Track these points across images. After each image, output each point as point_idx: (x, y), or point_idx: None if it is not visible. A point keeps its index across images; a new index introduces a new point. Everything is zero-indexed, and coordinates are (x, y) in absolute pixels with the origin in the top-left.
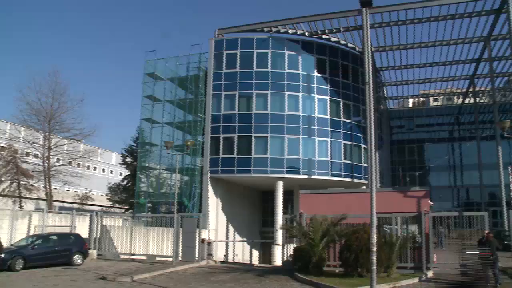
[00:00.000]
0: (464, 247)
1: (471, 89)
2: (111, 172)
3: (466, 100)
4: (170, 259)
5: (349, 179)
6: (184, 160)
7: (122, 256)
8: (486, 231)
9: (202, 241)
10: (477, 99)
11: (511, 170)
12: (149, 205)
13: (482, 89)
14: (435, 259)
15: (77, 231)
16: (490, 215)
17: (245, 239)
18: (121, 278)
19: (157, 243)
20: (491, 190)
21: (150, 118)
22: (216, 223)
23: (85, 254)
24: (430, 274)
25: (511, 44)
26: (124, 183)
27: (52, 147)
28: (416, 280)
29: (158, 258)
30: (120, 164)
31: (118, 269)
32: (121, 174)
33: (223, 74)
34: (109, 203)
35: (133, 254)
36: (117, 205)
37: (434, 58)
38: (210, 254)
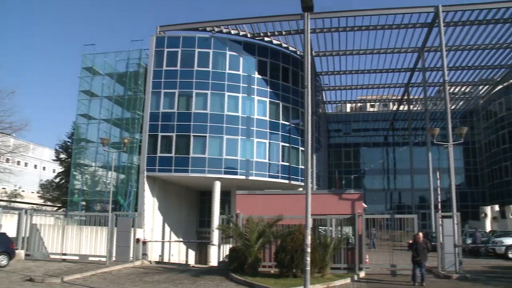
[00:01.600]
0: (395, 248)
1: (405, 97)
2: (44, 168)
3: (401, 107)
4: (104, 259)
5: (286, 181)
6: (120, 158)
7: (52, 256)
8: (415, 233)
9: (137, 240)
10: (411, 106)
11: (438, 175)
12: (83, 203)
13: (416, 97)
14: (367, 260)
15: (3, 230)
16: (419, 217)
17: (181, 239)
18: (50, 279)
19: (90, 242)
20: (421, 193)
21: (86, 114)
22: (152, 222)
23: (11, 255)
24: (362, 274)
25: (442, 56)
26: (57, 180)
27: None
28: (348, 280)
29: (91, 258)
30: (54, 160)
31: (47, 269)
32: (54, 171)
33: (163, 71)
34: (41, 201)
35: (65, 254)
36: (49, 203)
37: (372, 65)
38: (145, 254)
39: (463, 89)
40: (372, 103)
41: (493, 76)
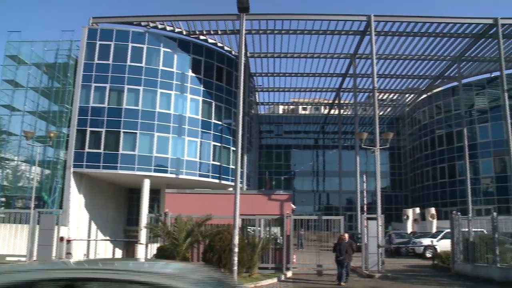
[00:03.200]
0: (321, 248)
1: (336, 101)
2: None
3: (332, 111)
4: (24, 258)
5: (217, 180)
6: (46, 152)
7: None
8: (341, 234)
9: (61, 239)
10: (341, 111)
11: (365, 178)
12: (3, 199)
13: (346, 102)
14: (294, 260)
15: None
16: (346, 219)
17: (108, 238)
18: None
19: (9, 241)
20: (348, 196)
21: (9, 105)
22: (78, 220)
23: None
24: (289, 274)
25: (372, 63)
26: None
27: None
28: (275, 280)
29: (8, 258)
30: None
31: None
32: None
33: (94, 65)
34: None
35: None
36: None
37: (306, 69)
38: (69, 253)
39: (391, 96)
40: (304, 106)
41: (418, 86)
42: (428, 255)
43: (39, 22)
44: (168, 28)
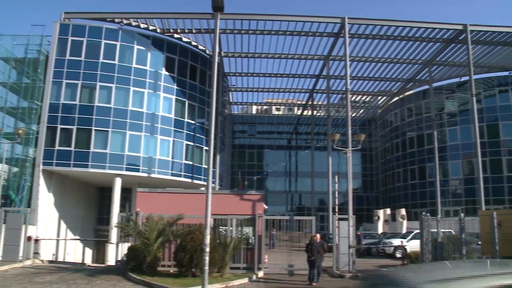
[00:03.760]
0: (293, 248)
1: (310, 102)
2: None
3: (305, 112)
4: None
5: (189, 180)
6: (14, 149)
7: None
8: (312, 234)
9: (29, 238)
10: (314, 112)
11: (337, 179)
12: None
13: (320, 103)
14: (266, 260)
15: None
16: (318, 219)
17: (78, 237)
18: None
19: None
20: (320, 196)
21: None
22: (47, 219)
23: None
24: (261, 274)
25: (346, 65)
26: None
27: None
28: (246, 280)
29: None
30: None
31: None
32: None
33: (66, 61)
34: None
35: None
36: None
37: (280, 70)
38: (37, 253)
39: (363, 98)
40: (277, 107)
41: (390, 88)
42: (398, 255)
43: (8, 16)
44: (142, 25)
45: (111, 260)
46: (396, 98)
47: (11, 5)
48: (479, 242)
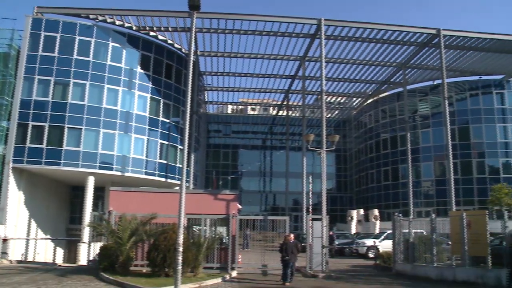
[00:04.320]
0: (267, 248)
1: (285, 103)
2: None
3: (280, 112)
4: None
5: (163, 179)
6: None
7: None
8: (286, 234)
9: None
10: (290, 112)
11: (311, 180)
12: None
13: (295, 103)
14: (240, 260)
15: None
16: (292, 219)
17: (49, 237)
18: None
19: None
20: (295, 196)
21: None
22: (16, 218)
23: None
24: (234, 274)
25: (321, 66)
26: None
27: None
28: (219, 280)
29: None
30: None
31: None
32: None
33: (38, 56)
34: None
35: None
36: None
37: (255, 70)
38: (5, 253)
39: (338, 99)
40: (253, 107)
41: (365, 90)
42: (371, 255)
43: None
44: (117, 22)
45: (83, 260)
46: (370, 100)
47: None
48: (449, 242)
